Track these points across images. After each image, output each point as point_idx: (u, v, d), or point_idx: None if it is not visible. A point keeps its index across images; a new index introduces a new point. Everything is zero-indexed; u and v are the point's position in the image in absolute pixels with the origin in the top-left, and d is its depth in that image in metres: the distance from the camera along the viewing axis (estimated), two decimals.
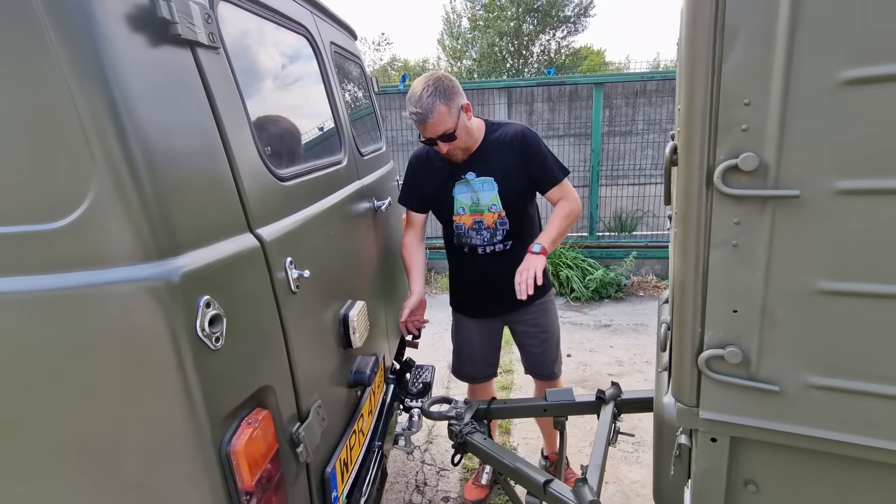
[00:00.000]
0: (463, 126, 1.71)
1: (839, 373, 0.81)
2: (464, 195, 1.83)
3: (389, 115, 5.31)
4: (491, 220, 1.83)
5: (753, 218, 0.79)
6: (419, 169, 1.91)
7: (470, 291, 2.00)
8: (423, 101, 1.63)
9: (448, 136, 1.69)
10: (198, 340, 0.73)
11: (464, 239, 1.88)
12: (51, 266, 0.69)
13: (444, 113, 1.64)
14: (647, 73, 5.13)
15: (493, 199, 1.80)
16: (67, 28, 0.65)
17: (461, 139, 1.72)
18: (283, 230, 1.02)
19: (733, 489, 0.97)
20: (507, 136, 1.81)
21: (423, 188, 1.90)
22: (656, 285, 4.77)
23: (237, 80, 0.95)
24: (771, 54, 0.72)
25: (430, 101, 1.63)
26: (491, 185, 1.80)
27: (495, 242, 1.86)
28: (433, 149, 1.82)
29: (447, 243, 1.99)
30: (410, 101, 1.67)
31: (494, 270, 1.87)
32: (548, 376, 2.08)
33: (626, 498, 2.18)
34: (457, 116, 1.68)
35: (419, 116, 1.65)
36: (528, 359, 2.09)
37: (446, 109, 1.64)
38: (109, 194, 0.68)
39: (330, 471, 1.19)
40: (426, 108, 1.63)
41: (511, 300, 1.92)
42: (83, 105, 0.66)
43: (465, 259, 1.92)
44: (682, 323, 0.89)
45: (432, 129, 1.66)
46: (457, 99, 1.68)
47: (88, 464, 0.76)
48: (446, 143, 1.70)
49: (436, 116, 1.63)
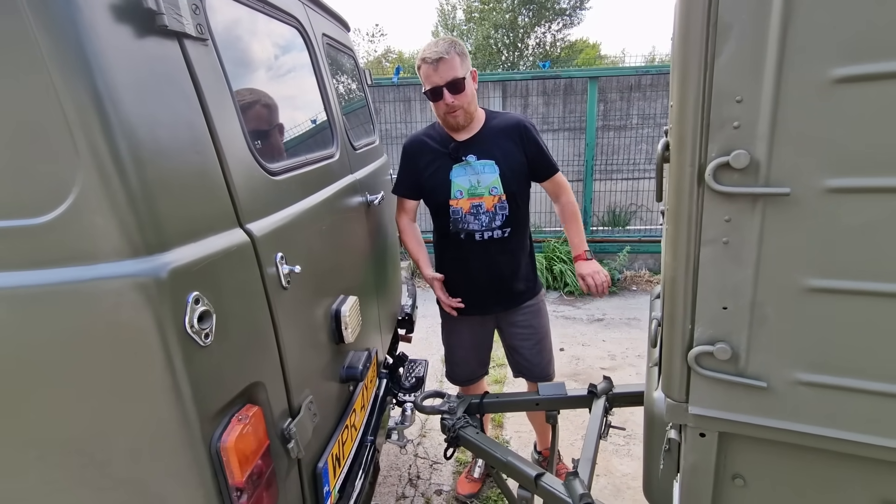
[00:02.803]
0: (470, 86, 1.74)
1: (826, 369, 0.82)
2: (462, 178, 1.81)
3: (383, 107, 5.28)
4: (490, 204, 1.81)
5: (744, 215, 0.79)
6: (412, 153, 1.90)
7: (463, 285, 1.93)
8: (439, 45, 1.68)
9: (456, 86, 1.69)
10: (187, 337, 0.72)
11: (460, 224, 1.84)
12: (35, 262, 0.68)
13: (456, 61, 1.68)
14: (643, 67, 5.13)
15: (494, 181, 1.79)
16: (50, 18, 0.63)
17: (466, 97, 1.73)
18: (274, 225, 1.01)
19: (721, 483, 0.98)
20: (506, 122, 1.84)
21: (418, 172, 1.88)
22: (649, 280, 4.79)
23: (226, 73, 0.94)
24: (763, 51, 0.71)
25: (446, 46, 1.68)
26: (492, 168, 1.79)
27: (494, 228, 1.83)
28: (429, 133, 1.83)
29: (439, 232, 1.94)
30: (424, 50, 1.70)
31: (491, 259, 1.85)
32: (544, 378, 2.04)
33: (617, 490, 2.21)
34: (467, 72, 1.72)
35: (434, 54, 1.67)
36: (521, 361, 2.04)
37: (459, 60, 1.69)
38: (95, 189, 0.67)
39: (322, 466, 1.19)
40: (442, 49, 1.67)
41: (507, 294, 1.93)
42: (67, 98, 0.64)
43: (460, 247, 1.87)
44: (673, 319, 0.90)
45: (444, 71, 1.67)
46: (467, 60, 1.73)
47: (77, 461, 0.76)
48: (452, 95, 1.70)
49: (449, 60, 1.67)
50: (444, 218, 1.88)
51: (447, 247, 1.94)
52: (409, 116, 5.36)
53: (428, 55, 1.68)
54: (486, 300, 1.95)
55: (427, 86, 1.73)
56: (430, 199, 1.91)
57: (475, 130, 1.82)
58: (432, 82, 1.71)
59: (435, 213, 1.92)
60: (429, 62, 1.68)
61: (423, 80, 1.74)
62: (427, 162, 1.86)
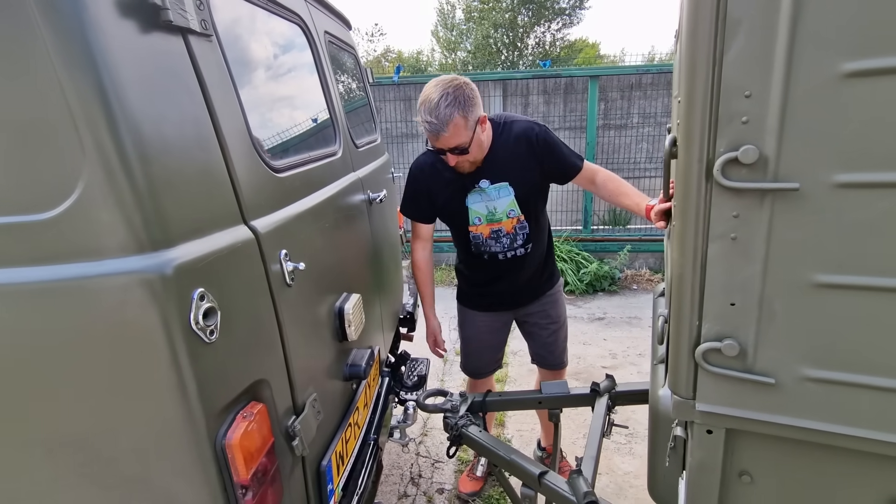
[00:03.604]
0: (477, 139, 1.59)
1: (835, 365, 0.81)
2: (478, 205, 1.74)
3: (384, 106, 5.28)
4: (510, 227, 1.77)
5: (752, 211, 0.79)
6: (425, 180, 1.78)
7: (485, 290, 1.94)
8: (441, 112, 1.49)
9: (461, 150, 1.58)
10: (192, 333, 0.72)
11: (482, 248, 1.81)
12: (40, 258, 0.68)
13: (460, 126, 1.52)
14: (643, 66, 5.13)
15: (510, 204, 1.73)
16: (56, 14, 0.63)
17: (473, 154, 1.61)
18: (278, 222, 1.00)
19: (728, 480, 0.98)
20: (515, 134, 1.71)
21: (432, 200, 1.79)
22: (650, 278, 4.79)
23: (230, 69, 0.93)
24: (772, 46, 0.71)
25: (448, 111, 1.49)
26: (507, 191, 1.72)
27: (516, 247, 1.80)
28: (440, 159, 1.71)
29: (461, 249, 1.91)
30: (425, 107, 1.52)
31: (514, 272, 1.85)
32: (557, 365, 2.08)
33: (620, 489, 2.20)
34: (473, 130, 1.56)
35: (433, 127, 1.51)
36: (538, 349, 2.07)
37: (463, 123, 1.52)
38: (100, 184, 0.66)
39: (325, 464, 1.19)
40: (442, 120, 1.49)
41: (528, 294, 1.94)
42: (72, 93, 0.64)
43: (483, 265, 1.86)
44: (680, 316, 0.89)
45: (445, 142, 1.55)
46: (475, 111, 1.55)
47: (82, 458, 0.75)
48: (458, 156, 1.61)
49: (451, 129, 1.51)
50: (465, 240, 1.84)
51: (470, 261, 1.91)
52: (409, 115, 5.36)
53: (428, 121, 1.51)
54: (507, 301, 1.97)
55: (431, 143, 1.62)
56: (449, 224, 1.87)
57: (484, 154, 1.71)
58: (436, 145, 1.59)
59: (455, 234, 1.89)
60: (428, 130, 1.55)
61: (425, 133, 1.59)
62: (440, 189, 1.76)
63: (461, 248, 1.92)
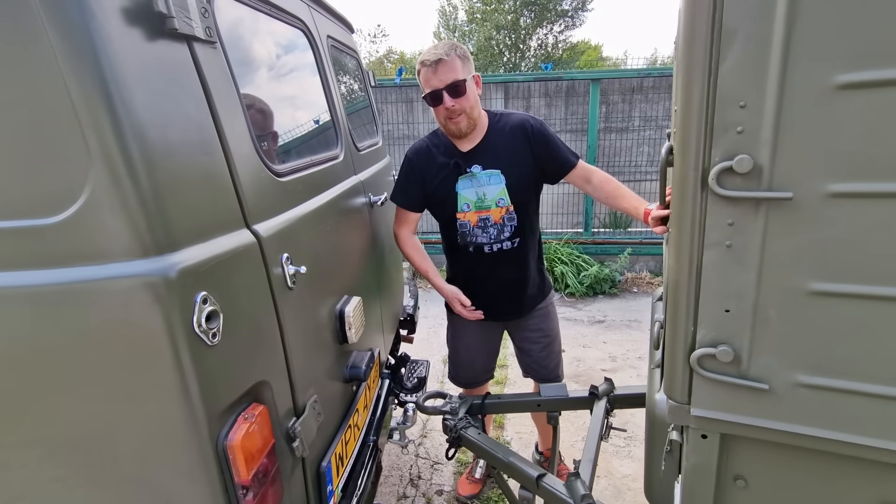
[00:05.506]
0: (472, 90, 1.67)
1: (828, 372, 0.82)
2: (468, 191, 1.75)
3: (386, 108, 5.29)
4: (498, 216, 1.76)
5: (747, 219, 0.80)
6: (418, 164, 1.80)
7: (473, 295, 1.90)
8: (439, 48, 1.62)
9: (456, 89, 1.62)
10: (195, 336, 0.73)
11: (468, 237, 1.80)
12: (47, 261, 0.69)
13: (457, 64, 1.62)
14: (645, 69, 5.14)
15: (500, 192, 1.73)
16: (64, 22, 0.64)
17: (468, 100, 1.65)
18: (280, 226, 1.02)
19: (722, 484, 0.99)
20: (510, 124, 1.75)
21: (423, 185, 1.80)
22: (650, 281, 4.80)
23: (234, 75, 0.95)
24: (767, 57, 0.72)
25: (446, 48, 1.62)
26: (498, 178, 1.72)
27: (502, 240, 1.79)
28: (435, 143, 1.76)
29: (448, 244, 1.90)
30: (423, 53, 1.65)
31: (501, 271, 1.83)
32: (551, 380, 2.03)
33: (618, 492, 2.21)
34: (468, 75, 1.65)
35: (433, 56, 1.60)
36: (531, 363, 2.04)
37: (460, 63, 1.62)
38: (106, 189, 0.67)
39: (325, 465, 1.20)
40: (441, 51, 1.60)
41: (518, 302, 1.90)
42: (79, 100, 0.65)
43: (469, 260, 1.84)
44: (676, 321, 0.91)
45: (443, 73, 1.60)
46: (470, 63, 1.67)
47: (86, 459, 0.76)
48: (453, 98, 1.62)
49: (449, 62, 1.60)
50: (451, 230, 1.84)
51: (456, 258, 1.91)
52: (411, 117, 5.37)
53: (426, 58, 1.62)
54: (496, 309, 1.93)
55: (426, 89, 1.65)
56: (436, 212, 1.87)
57: (478, 139, 1.75)
58: (431, 85, 1.63)
59: (443, 225, 1.88)
60: (427, 65, 1.61)
61: (422, 84, 1.67)
62: (433, 174, 1.78)
63: (447, 242, 1.90)
